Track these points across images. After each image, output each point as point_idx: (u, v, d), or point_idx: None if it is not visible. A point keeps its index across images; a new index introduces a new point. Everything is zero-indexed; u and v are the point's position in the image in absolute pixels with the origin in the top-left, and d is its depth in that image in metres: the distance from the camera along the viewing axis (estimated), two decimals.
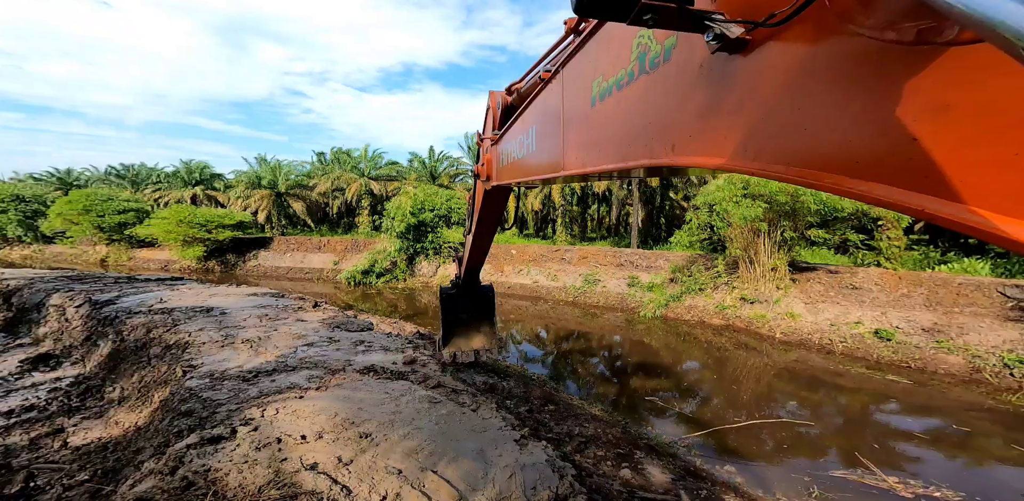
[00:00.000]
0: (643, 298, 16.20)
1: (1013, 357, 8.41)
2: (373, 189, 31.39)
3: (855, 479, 5.40)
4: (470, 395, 4.93)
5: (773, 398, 8.58)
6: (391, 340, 6.97)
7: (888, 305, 10.94)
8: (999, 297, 9.72)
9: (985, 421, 7.16)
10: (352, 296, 19.28)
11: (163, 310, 6.81)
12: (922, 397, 8.19)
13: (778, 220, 12.89)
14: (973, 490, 5.13)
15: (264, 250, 25.19)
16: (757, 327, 12.52)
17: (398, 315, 15.71)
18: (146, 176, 40.37)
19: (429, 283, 21.02)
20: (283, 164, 33.21)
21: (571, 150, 1.47)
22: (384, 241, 22.19)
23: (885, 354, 9.90)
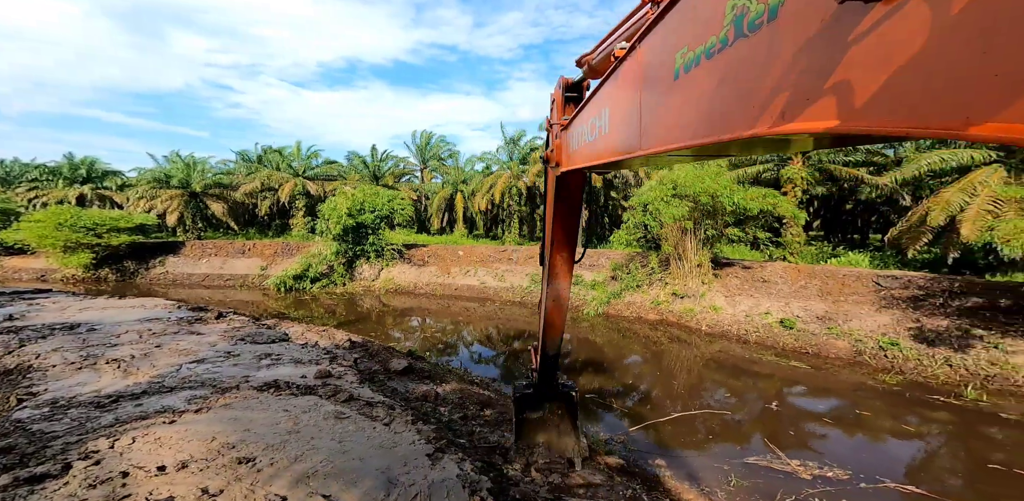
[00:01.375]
0: (587, 296, 16.67)
1: (886, 340, 9.76)
2: (309, 189, 29.29)
3: (765, 464, 5.79)
4: (386, 408, 4.60)
5: (701, 388, 9.13)
6: (307, 351, 6.40)
7: (790, 296, 12.22)
8: (875, 286, 11.26)
9: (868, 399, 8.12)
10: (283, 303, 17.73)
11: (10, 329, 5.62)
12: (819, 380, 9.18)
13: (702, 219, 13.92)
14: (860, 467, 5.68)
15: (174, 256, 22.40)
16: (687, 321, 13.37)
17: (335, 321, 14.73)
18: (19, 173, 34.15)
19: (371, 287, 19.98)
20: (198, 161, 29.81)
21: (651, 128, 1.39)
22: (319, 244, 20.73)
23: (789, 342, 11.01)
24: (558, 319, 4.24)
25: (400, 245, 21.73)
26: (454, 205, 32.81)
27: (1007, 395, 7.78)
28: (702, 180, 13.23)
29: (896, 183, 16.22)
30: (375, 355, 8.30)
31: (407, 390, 6.62)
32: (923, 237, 13.67)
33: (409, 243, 23.38)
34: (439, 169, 37.59)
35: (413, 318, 16.25)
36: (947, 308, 9.83)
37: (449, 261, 21.35)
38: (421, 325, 15.45)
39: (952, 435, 6.82)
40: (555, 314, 4.16)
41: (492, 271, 20.23)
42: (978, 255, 12.32)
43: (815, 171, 17.88)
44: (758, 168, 19.15)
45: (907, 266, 14.19)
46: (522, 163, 28.77)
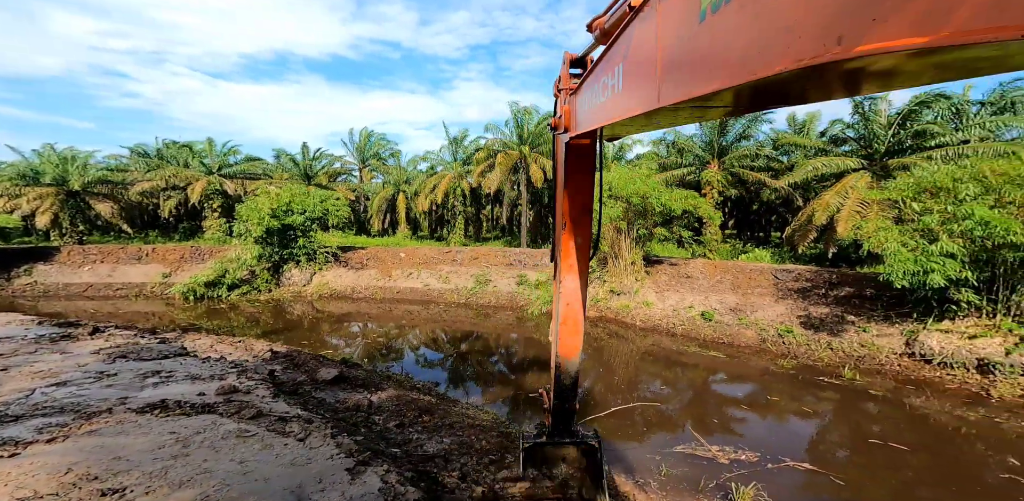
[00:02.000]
0: (531, 295, 17.04)
1: (783, 328, 11.35)
2: (227, 188, 26.17)
3: (691, 452, 6.31)
4: (302, 422, 4.33)
5: (638, 381, 9.83)
6: (209, 366, 5.85)
7: (709, 290, 13.64)
8: (774, 279, 12.99)
9: (773, 383, 9.30)
10: (192, 314, 15.79)
11: None
12: (734, 368, 10.38)
13: (634, 219, 14.92)
14: (767, 449, 6.39)
15: (45, 263, 18.82)
16: (623, 316, 14.31)
17: (258, 330, 13.53)
18: None
19: (302, 293, 18.55)
20: (79, 155, 25.15)
21: (671, 76, 1.29)
22: (238, 247, 18.73)
23: (709, 333, 12.31)
24: (574, 330, 3.45)
25: (335, 248, 20.42)
26: (396, 206, 31.49)
27: (875, 373, 9.34)
28: (634, 182, 14.15)
29: (790, 186, 18.75)
30: (301, 365, 7.84)
31: (337, 400, 6.36)
32: (810, 235, 16.00)
33: (346, 246, 22.05)
34: (380, 169, 35.76)
35: (352, 324, 15.43)
36: (827, 298, 11.67)
37: (390, 263, 20.53)
38: (362, 331, 14.74)
39: (836, 413, 8.00)
40: (571, 322, 3.42)
41: (436, 273, 19.84)
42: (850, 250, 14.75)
43: (728, 174, 20.02)
44: (682, 171, 20.94)
45: (799, 260, 16.54)
46: (466, 163, 28.40)
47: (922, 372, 9.02)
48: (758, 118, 19.69)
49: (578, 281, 3.47)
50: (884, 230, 9.41)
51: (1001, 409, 7.63)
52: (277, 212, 17.86)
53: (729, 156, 20.22)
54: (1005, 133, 15.38)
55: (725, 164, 20.28)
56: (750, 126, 20.09)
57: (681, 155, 22.67)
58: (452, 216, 29.89)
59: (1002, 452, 6.44)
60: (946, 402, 8.04)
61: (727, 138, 20.58)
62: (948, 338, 8.90)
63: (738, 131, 20.36)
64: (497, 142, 24.87)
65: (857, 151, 16.94)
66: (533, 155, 23.49)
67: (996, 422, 7.23)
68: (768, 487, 5.28)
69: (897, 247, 8.81)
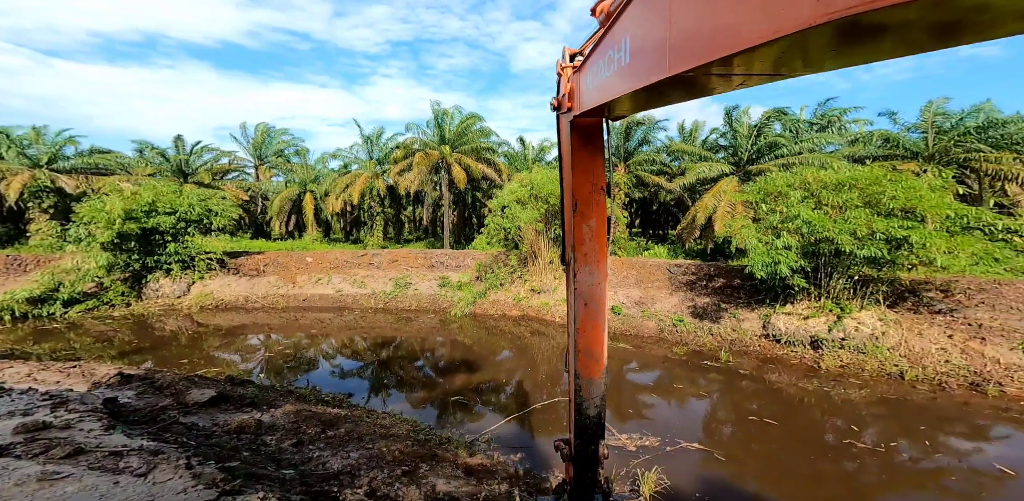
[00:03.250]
0: (454, 297, 16.78)
1: (676, 318, 12.91)
2: (63, 185, 20.83)
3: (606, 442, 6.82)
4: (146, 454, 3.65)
5: (560, 376, 10.24)
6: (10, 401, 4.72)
7: (618, 285, 14.91)
8: (668, 273, 14.71)
9: (671, 369, 10.41)
10: (11, 337, 12.52)
11: None
12: (639, 357, 11.46)
13: (552, 220, 15.58)
14: (664, 433, 6.95)
15: None
16: (544, 314, 14.88)
17: (113, 351, 11.28)
18: None
19: (176, 305, 15.80)
20: None
21: (684, 40, 1.23)
22: (77, 255, 15.24)
23: (618, 326, 13.45)
24: (595, 337, 2.84)
25: (221, 253, 17.72)
26: (302, 207, 28.34)
27: (743, 354, 10.98)
28: (552, 183, 14.75)
29: (681, 189, 21.38)
30: (165, 388, 6.80)
31: (215, 424, 5.60)
32: (695, 232, 18.42)
33: (237, 251, 19.30)
34: (282, 167, 31.78)
35: (247, 337, 13.59)
36: (708, 288, 13.58)
37: (295, 269, 18.49)
38: (263, 343, 13.07)
39: (719, 393, 9.14)
40: (591, 328, 2.82)
41: (350, 277, 18.43)
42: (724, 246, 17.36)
43: (633, 177, 22.07)
44: None
45: (688, 256, 18.96)
46: (383, 163, 26.78)
47: (775, 351, 10.95)
48: (654, 126, 22.01)
49: (596, 273, 2.85)
50: (745, 228, 11.22)
51: (828, 379, 9.31)
52: (136, 213, 14.83)
53: (633, 160, 22.28)
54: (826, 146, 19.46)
55: (631, 167, 22.31)
56: (649, 132, 22.35)
57: None
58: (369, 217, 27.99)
59: (834, 416, 7.83)
60: (792, 376, 9.66)
61: (631, 143, 22.63)
62: (790, 320, 10.98)
63: (639, 136, 22.52)
64: (417, 141, 23.92)
65: (728, 158, 19.96)
66: (456, 155, 23.09)
67: (825, 391, 8.83)
68: (667, 470, 5.71)
69: (755, 243, 10.57)
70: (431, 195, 29.29)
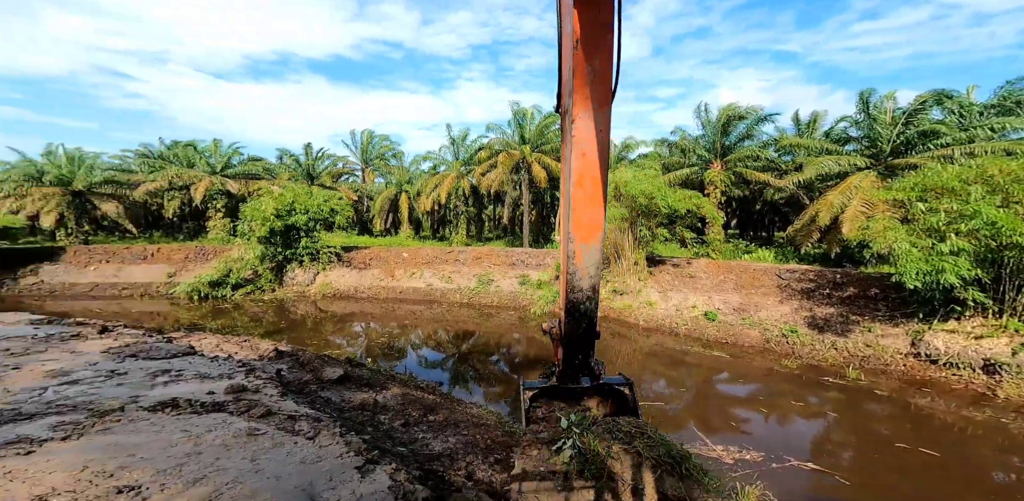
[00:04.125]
0: (533, 295, 17.04)
1: (787, 328, 11.31)
2: (230, 188, 26.30)
3: (696, 452, 6.23)
4: (311, 420, 4.35)
5: (641, 380, 9.80)
6: (218, 365, 5.86)
7: (712, 290, 13.61)
8: (777, 279, 12.95)
9: (776, 383, 9.28)
10: (197, 313, 15.86)
11: None
12: (738, 368, 10.34)
13: (638, 219, 14.91)
14: (771, 448, 6.35)
15: (51, 263, 18.96)
16: (626, 316, 14.29)
17: (262, 330, 13.59)
18: None
19: (306, 293, 18.64)
20: (86, 156, 25.35)
21: None
22: (242, 247, 18.82)
23: (712, 333, 12.28)
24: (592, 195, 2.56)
25: (339, 248, 20.46)
26: (399, 206, 31.55)
27: (879, 374, 9.31)
28: (641, 182, 14.12)
29: (795, 186, 18.69)
30: (306, 364, 7.80)
31: (343, 400, 6.31)
32: (813, 235, 15.93)
33: (349, 246, 22.09)
34: (382, 169, 35.88)
35: (355, 323, 15.46)
36: (832, 298, 11.62)
37: (393, 264, 20.56)
38: (364, 330, 14.77)
39: (841, 413, 7.94)
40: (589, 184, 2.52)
41: (439, 273, 19.87)
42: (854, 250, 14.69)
43: (731, 174, 19.98)
44: (686, 171, 20.91)
45: (802, 260, 16.47)
46: (468, 163, 28.44)
47: (927, 372, 8.96)
48: (759, 118, 19.64)
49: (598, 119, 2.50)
50: (891, 230, 9.34)
51: (1007, 409, 7.57)
52: (280, 212, 17.93)
53: (732, 156, 20.18)
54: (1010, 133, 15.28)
55: (729, 164, 20.26)
56: (752, 126, 20.04)
57: (684, 155, 22.65)
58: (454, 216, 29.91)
59: (1008, 453, 6.39)
60: (952, 402, 7.99)
61: (730, 138, 20.55)
62: (954, 338, 8.84)
63: (740, 131, 20.32)
64: (499, 142, 24.88)
65: (862, 150, 16.86)
66: (535, 155, 23.51)
67: (1003, 423, 7.17)
68: (772, 487, 5.24)
69: (908, 247, 8.75)
70: (511, 194, 30.15)
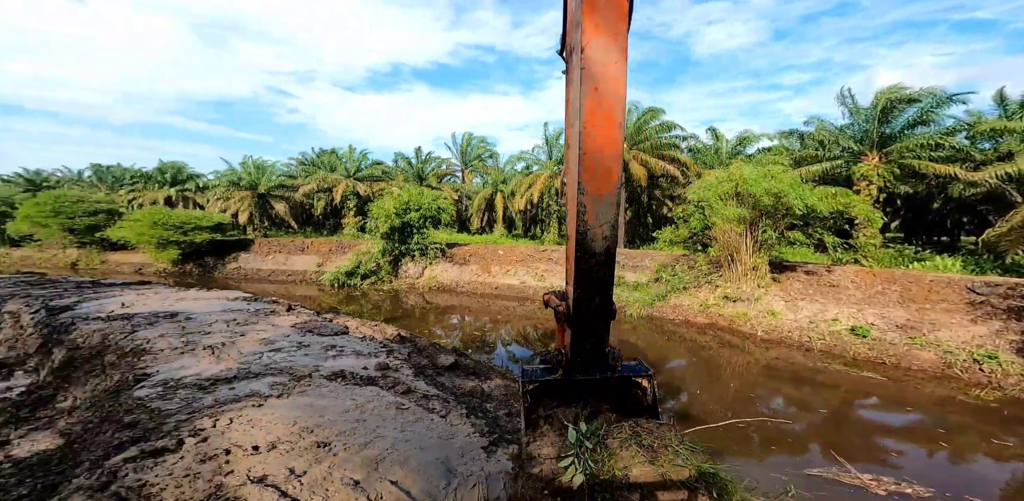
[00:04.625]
0: (629, 297, 16.23)
1: (982, 352, 8.61)
2: (359, 190, 30.97)
3: (831, 477, 5.40)
4: (441, 401, 4.78)
5: (756, 396, 8.63)
6: (365, 344, 6.75)
7: (864, 302, 11.12)
8: (969, 294, 9.95)
9: (957, 415, 7.28)
10: (336, 298, 18.91)
11: (123, 316, 6.51)
12: (897, 393, 8.31)
13: (759, 220, 13.03)
14: (944, 486, 5.16)
15: (245, 252, 24.62)
16: (739, 325, 12.63)
17: (381, 316, 15.47)
18: (120, 177, 39.33)
19: (415, 285, 20.79)
20: (266, 164, 32.55)
21: None
22: (368, 242, 21.87)
23: (861, 351, 10.04)
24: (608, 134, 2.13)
25: (443, 244, 22.24)
26: (494, 205, 33.18)
27: None
28: (766, 179, 12.30)
29: (999, 179, 14.20)
30: (423, 350, 8.45)
31: (455, 385, 6.68)
32: None
33: (451, 242, 23.85)
34: (480, 169, 38.19)
35: (454, 316, 16.65)
36: None
37: (490, 260, 21.62)
38: (461, 323, 15.81)
39: None
40: (600, 123, 2.12)
41: (532, 271, 20.26)
42: None
43: (896, 168, 16.08)
44: (824, 166, 17.56)
45: (1008, 272, 12.40)
46: (561, 163, 28.50)
47: None
48: (940, 101, 15.34)
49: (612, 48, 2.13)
50: None
51: None
52: (398, 210, 20.36)
53: (897, 146, 16.21)
54: None
55: (891, 156, 16.35)
56: (928, 111, 15.75)
57: (823, 148, 19.04)
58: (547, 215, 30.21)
59: None
60: None
61: (892, 126, 16.53)
62: None
63: (910, 116, 16.16)
64: None
65: None
66: (633, 152, 22.39)
67: None
68: None
69: None
70: None
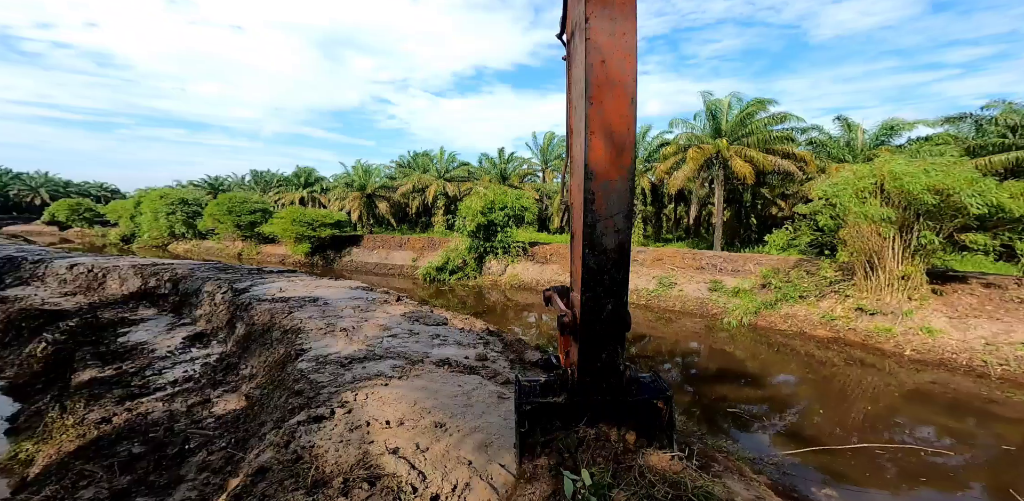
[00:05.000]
0: (728, 304, 14.77)
1: None
2: (448, 190, 33.21)
3: None
4: None
5: (898, 421, 7.25)
6: (464, 335, 7.26)
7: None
8: None
9: None
10: (427, 292, 20.58)
11: (282, 299, 8.03)
12: None
13: (914, 222, 10.62)
14: None
15: (356, 247, 28.24)
16: (878, 342, 10.59)
17: (467, 311, 16.46)
18: (270, 180, 48.32)
19: (498, 282, 21.61)
20: (372, 168, 36.91)
21: None
22: (456, 240, 23.29)
23: None
24: (618, 110, 1.96)
25: (525, 243, 22.71)
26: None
27: None
28: (927, 173, 9.88)
29: None
30: (510, 345, 8.75)
31: None
32: None
33: (532, 241, 24.20)
34: (561, 169, 37.99)
35: (533, 314, 16.91)
36: None
37: (564, 261, 21.45)
38: (538, 321, 15.99)
39: None
40: (608, 98, 1.93)
41: None
42: None
43: None
44: (1016, 155, 13.58)
45: None
46: (647, 161, 26.87)
47: None
48: None
49: (620, 19, 1.93)
50: None
51: None
52: (484, 209, 21.33)
53: None
54: None
55: None
56: None
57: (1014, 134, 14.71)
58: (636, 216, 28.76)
59: None
60: None
61: None
62: None
63: None
64: (686, 136, 22.53)
65: None
66: (735, 148, 20.06)
67: None
68: None
69: None
70: (698, 193, 26.76)
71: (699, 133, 22.12)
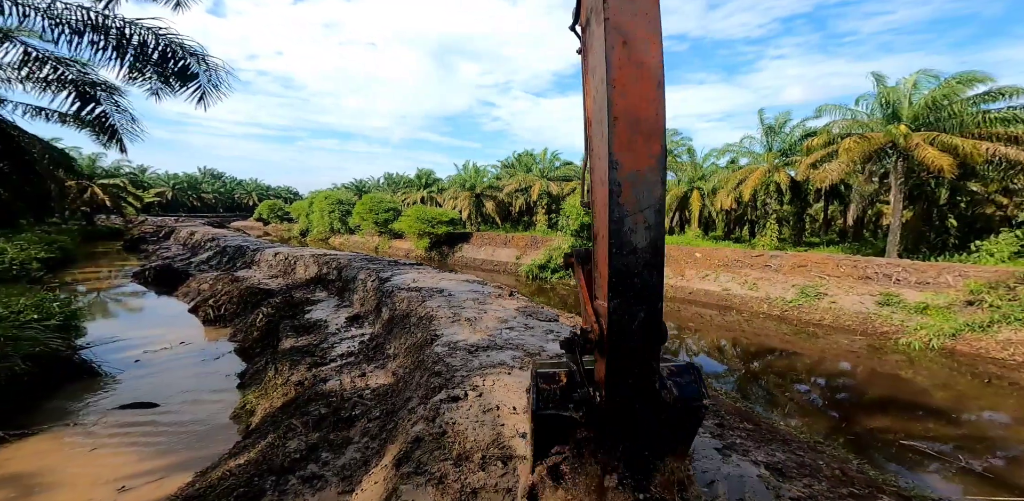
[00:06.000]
0: (907, 322, 11.85)
1: None
2: (551, 190, 33.54)
3: None
4: None
5: None
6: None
7: None
8: None
9: None
10: (530, 289, 21.22)
11: (416, 288, 9.21)
12: None
13: None
14: None
15: (466, 243, 30.76)
16: None
17: (567, 310, 16.48)
18: (398, 182, 55.98)
19: None
20: (480, 169, 39.64)
21: None
22: (559, 239, 23.45)
23: None
24: (643, 94, 1.78)
25: None
26: (688, 204, 29.68)
27: None
28: None
29: None
30: None
31: None
32: None
33: None
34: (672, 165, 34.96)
35: None
36: None
37: (684, 263, 19.68)
38: None
39: None
40: (632, 82, 1.77)
41: (739, 277, 17.26)
42: None
43: None
44: None
45: None
46: (785, 154, 22.77)
47: None
48: None
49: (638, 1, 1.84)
50: None
51: None
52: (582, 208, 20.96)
53: None
54: None
55: None
56: None
57: None
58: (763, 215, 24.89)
59: None
60: None
61: None
62: None
63: None
64: (843, 124, 18.41)
65: None
66: (925, 134, 15.51)
67: None
68: None
69: None
70: (861, 189, 21.65)
71: (866, 120, 17.90)
